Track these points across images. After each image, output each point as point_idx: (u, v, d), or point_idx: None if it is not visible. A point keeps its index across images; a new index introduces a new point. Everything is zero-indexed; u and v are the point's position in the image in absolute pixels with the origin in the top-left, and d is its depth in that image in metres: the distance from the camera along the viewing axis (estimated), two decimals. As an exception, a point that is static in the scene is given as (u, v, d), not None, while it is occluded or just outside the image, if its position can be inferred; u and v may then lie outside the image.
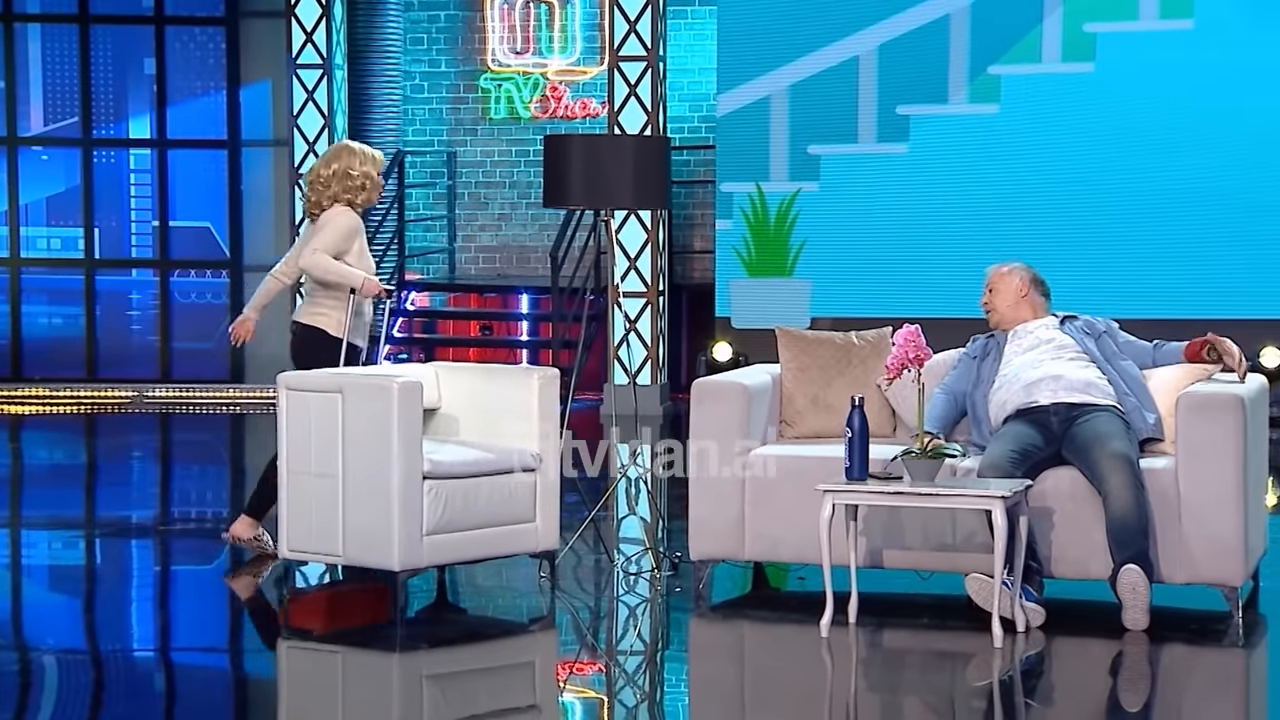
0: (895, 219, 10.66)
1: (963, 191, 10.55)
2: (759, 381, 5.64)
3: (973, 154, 10.51)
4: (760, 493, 5.42)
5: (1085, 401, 5.26)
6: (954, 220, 10.57)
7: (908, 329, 5.00)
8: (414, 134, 12.55)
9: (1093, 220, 10.29)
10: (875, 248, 10.70)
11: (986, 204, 10.44)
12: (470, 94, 12.47)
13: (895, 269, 10.65)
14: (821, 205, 10.81)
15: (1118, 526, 4.98)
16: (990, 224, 10.39)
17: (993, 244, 10.04)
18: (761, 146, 10.91)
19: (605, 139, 8.07)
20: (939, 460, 4.89)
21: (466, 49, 12.46)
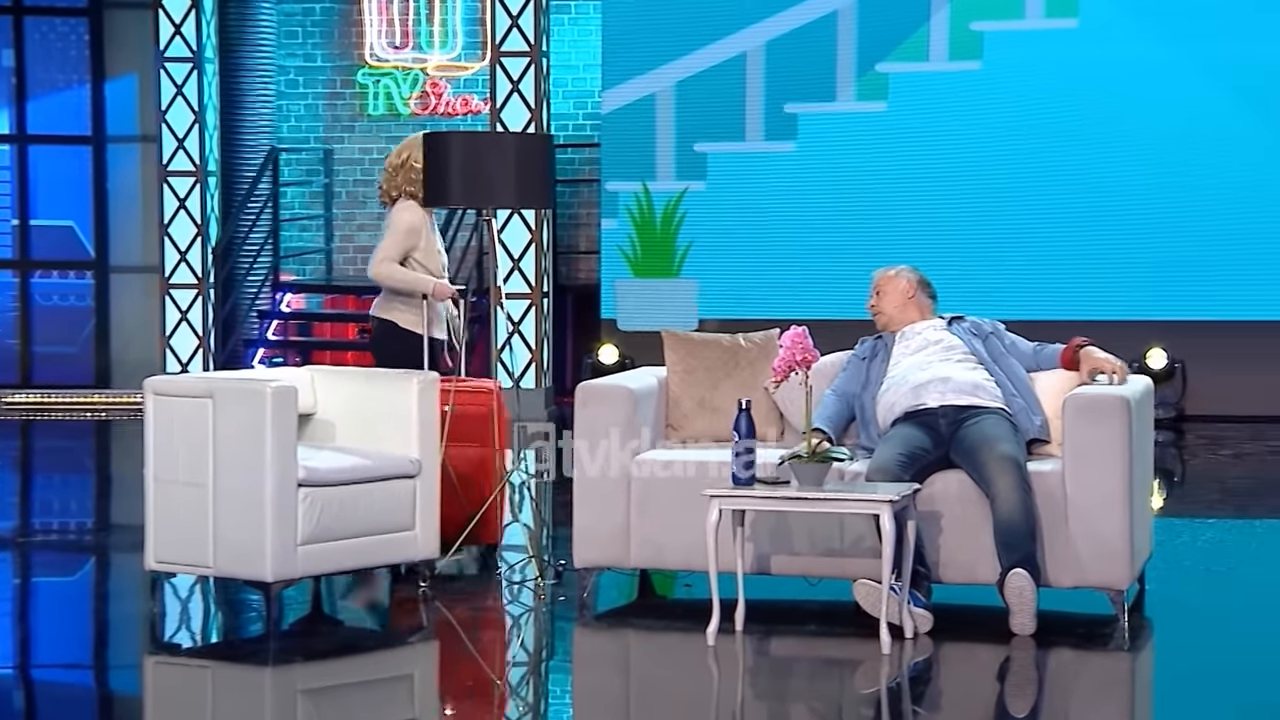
0: (783, 219, 10.74)
1: (851, 191, 10.66)
2: (645, 384, 5.65)
3: (861, 152, 10.62)
4: (646, 498, 5.43)
5: (973, 404, 5.33)
6: (842, 220, 10.67)
7: (795, 331, 5.04)
8: (289, 130, 12.41)
9: (980, 220, 10.44)
10: (763, 248, 10.78)
11: (875, 203, 10.55)
12: (347, 89, 12.36)
13: (783, 270, 10.73)
14: (708, 204, 10.86)
15: (1005, 529, 5.05)
16: (878, 224, 10.51)
17: (881, 244, 10.16)
18: (647, 144, 10.93)
19: (487, 136, 8.03)
20: (827, 464, 4.93)
21: (343, 43, 12.34)
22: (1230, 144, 10.19)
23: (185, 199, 11.59)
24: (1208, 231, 10.24)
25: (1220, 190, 10.22)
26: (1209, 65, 10.20)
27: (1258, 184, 10.18)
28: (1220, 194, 10.22)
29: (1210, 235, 10.24)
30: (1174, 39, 10.25)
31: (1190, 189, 10.27)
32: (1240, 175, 10.20)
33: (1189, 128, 10.23)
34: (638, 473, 5.45)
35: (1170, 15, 10.28)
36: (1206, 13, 10.23)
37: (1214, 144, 10.21)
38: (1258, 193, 10.18)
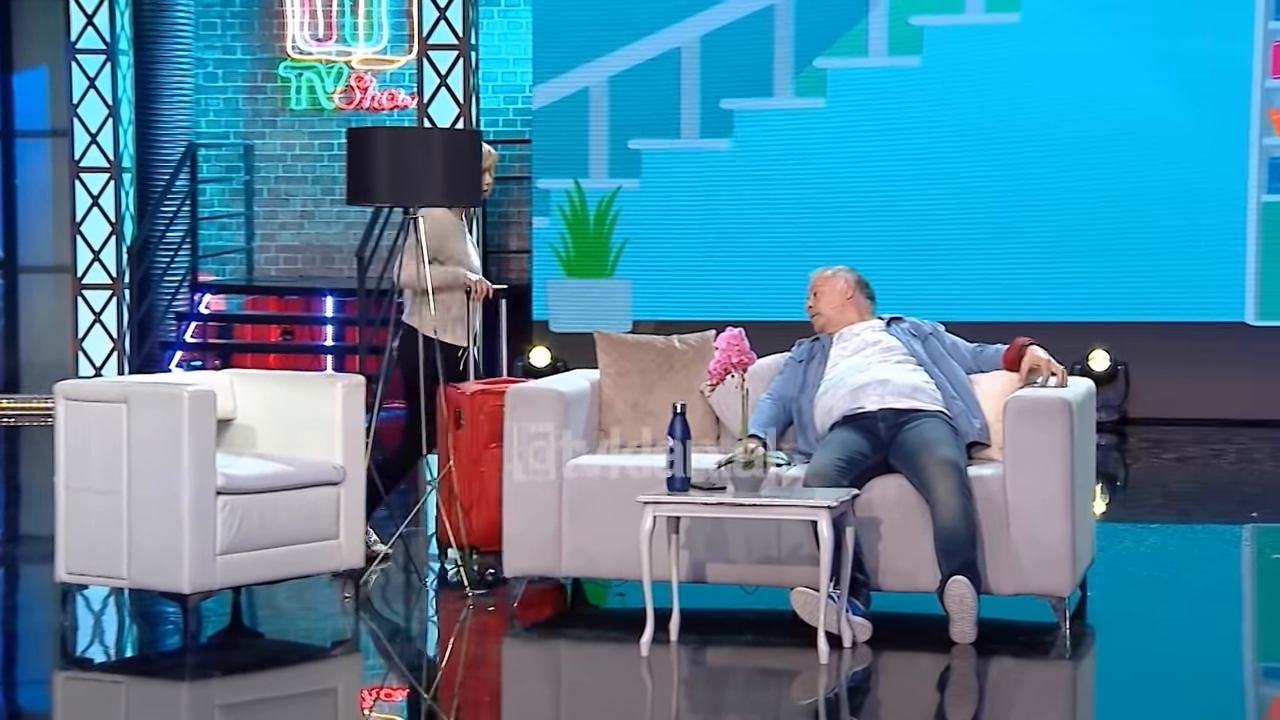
0: (719, 218, 10.78)
1: (789, 189, 10.71)
2: (577, 388, 5.65)
3: (799, 150, 10.67)
4: (577, 505, 5.43)
5: (912, 407, 5.37)
6: (780, 219, 10.72)
7: (731, 332, 5.06)
8: (208, 125, 12.33)
9: (920, 220, 10.52)
10: (699, 248, 10.81)
11: (813, 202, 10.61)
12: (268, 83, 12.29)
13: (719, 270, 10.76)
14: (643, 203, 10.88)
15: (945, 536, 5.09)
16: (817, 223, 10.56)
17: (819, 244, 10.22)
18: (580, 141, 10.94)
19: (413, 132, 8.01)
20: (763, 469, 4.95)
21: (264, 35, 12.27)
22: (1174, 142, 10.31)
23: (99, 196, 11.48)
24: (1152, 231, 10.36)
25: (1164, 189, 10.34)
26: (1152, 61, 10.33)
27: (1202, 183, 10.31)
28: (1164, 193, 10.34)
29: (1154, 235, 10.36)
30: (1116, 34, 10.37)
31: (1133, 187, 10.39)
32: (1185, 174, 10.32)
33: (1132, 125, 10.35)
34: (569, 478, 5.45)
35: (1112, 9, 10.40)
36: (1149, 7, 10.35)
37: (1158, 142, 10.33)
38: (1202, 191, 10.31)
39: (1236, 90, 10.25)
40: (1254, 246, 10.31)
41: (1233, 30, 10.22)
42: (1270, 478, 8.79)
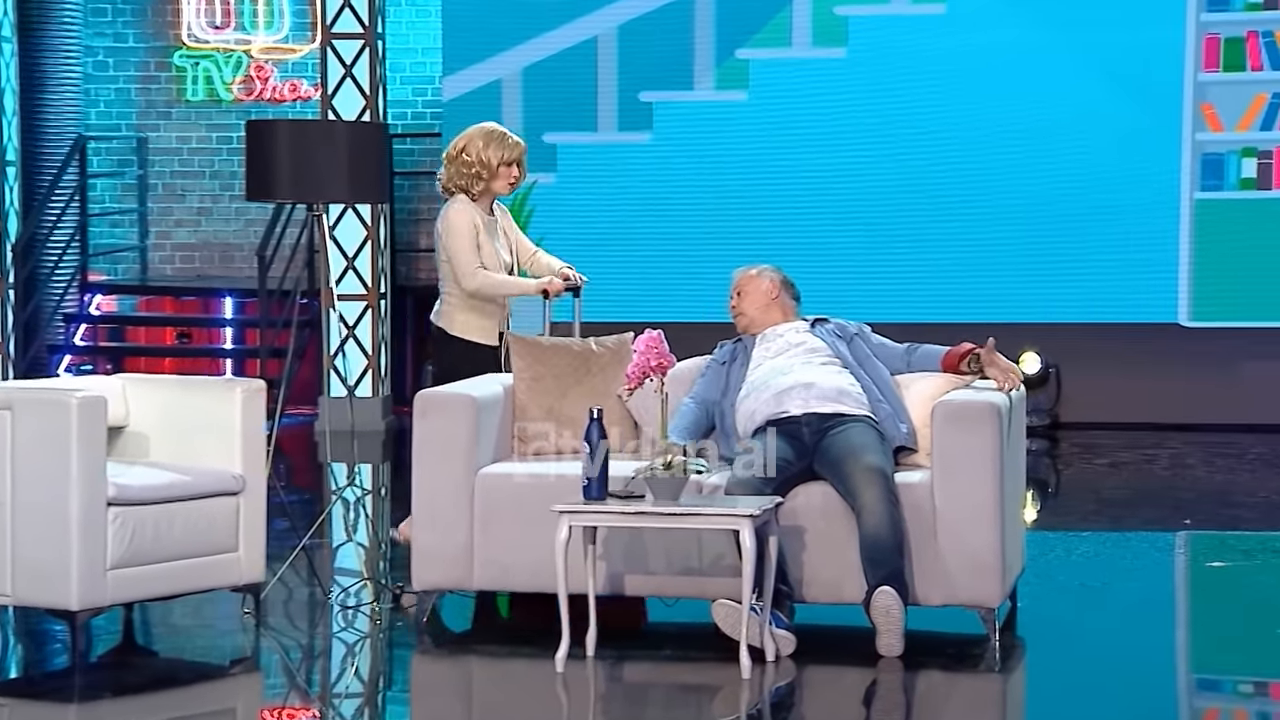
0: (638, 215, 10.79)
1: (710, 185, 10.74)
2: (489, 392, 5.64)
3: (721, 144, 10.71)
4: (490, 515, 5.42)
5: (838, 411, 5.40)
6: (701, 216, 10.75)
7: (650, 334, 5.07)
8: (98, 117, 12.19)
9: (846, 217, 10.57)
10: (616, 246, 10.81)
11: (735, 199, 10.64)
12: (163, 73, 12.17)
13: (638, 269, 10.77)
14: (558, 199, 10.87)
15: (871, 545, 5.12)
16: (739, 220, 10.60)
17: (742, 242, 10.25)
18: (493, 135, 10.90)
19: (317, 125, 7.97)
20: (683, 477, 4.96)
21: (158, 22, 12.15)
22: (1105, 137, 10.44)
23: (-18, 191, 11.33)
24: (1083, 229, 10.48)
25: (1095, 185, 10.46)
26: (1082, 53, 10.45)
27: (1134, 179, 10.44)
28: (1095, 189, 10.46)
29: (1085, 233, 10.48)
30: (1045, 25, 10.47)
31: (1063, 184, 10.50)
32: (1116, 170, 10.45)
33: (1061, 119, 10.46)
34: (481, 487, 5.43)
35: (1041, 0, 10.51)
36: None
37: (1088, 137, 10.45)
38: (1134, 188, 10.44)
39: (1168, 84, 10.40)
40: (1187, 245, 10.45)
41: (1164, 22, 10.36)
42: (1203, 483, 8.92)
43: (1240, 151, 10.44)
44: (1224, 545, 7.28)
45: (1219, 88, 10.42)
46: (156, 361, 11.70)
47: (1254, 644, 5.44)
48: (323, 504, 7.08)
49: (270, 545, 5.65)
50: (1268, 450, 9.84)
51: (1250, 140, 10.42)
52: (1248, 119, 10.42)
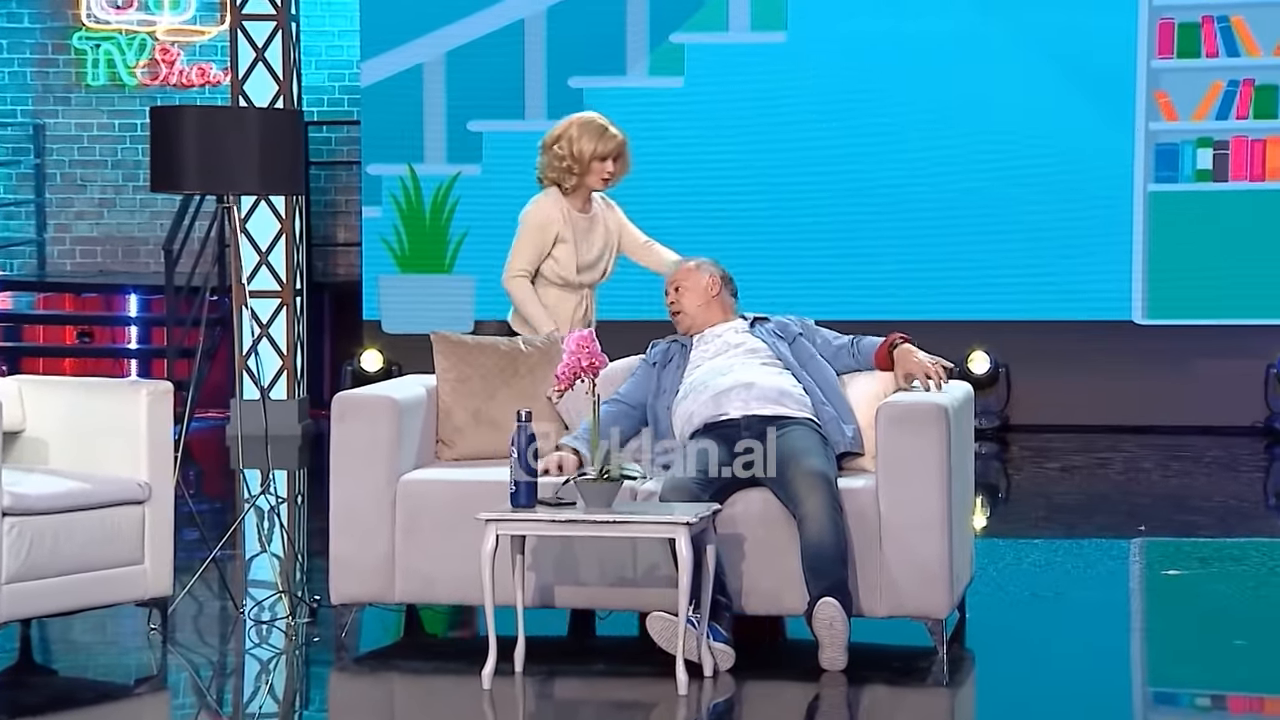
0: (569, 207, 10.78)
1: (643, 175, 10.64)
2: (412, 395, 5.62)
3: (655, 133, 10.70)
4: (413, 524, 5.40)
5: (779, 414, 5.42)
6: (635, 208, 10.67)
7: (580, 333, 5.07)
8: (-7, 102, 12.09)
9: (786, 209, 10.60)
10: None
11: (670, 189, 10.64)
12: (61, 55, 12.06)
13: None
14: (485, 190, 10.86)
15: (814, 554, 5.14)
16: (674, 214, 10.58)
17: (675, 237, 10.18)
18: (414, 122, 10.89)
19: (226, 112, 7.92)
20: (617, 483, 4.96)
21: (55, 2, 12.05)
22: (1055, 126, 10.51)
23: None
24: (1033, 223, 10.56)
25: (1046, 177, 10.54)
26: (1030, 39, 10.51)
27: (1086, 171, 10.52)
28: (1046, 181, 10.54)
29: (1036, 227, 10.56)
30: (992, 9, 10.53)
31: (1012, 175, 10.57)
32: (1067, 161, 10.53)
33: (1009, 108, 10.52)
34: (403, 494, 5.42)
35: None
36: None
37: (1037, 126, 10.52)
38: (1086, 180, 10.52)
39: (1120, 71, 10.49)
40: (1141, 240, 10.55)
41: (1116, 6, 10.45)
42: (1159, 488, 9.01)
43: (1195, 142, 10.54)
44: (1180, 553, 7.36)
45: (1173, 75, 10.52)
46: (56, 362, 11.61)
47: (1211, 656, 5.50)
48: (235, 513, 7.03)
49: (178, 557, 5.61)
50: (1224, 453, 9.95)
51: (1206, 130, 10.53)
52: (1203, 108, 10.53)
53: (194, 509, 6.14)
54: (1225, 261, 10.49)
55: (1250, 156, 10.49)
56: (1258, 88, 10.47)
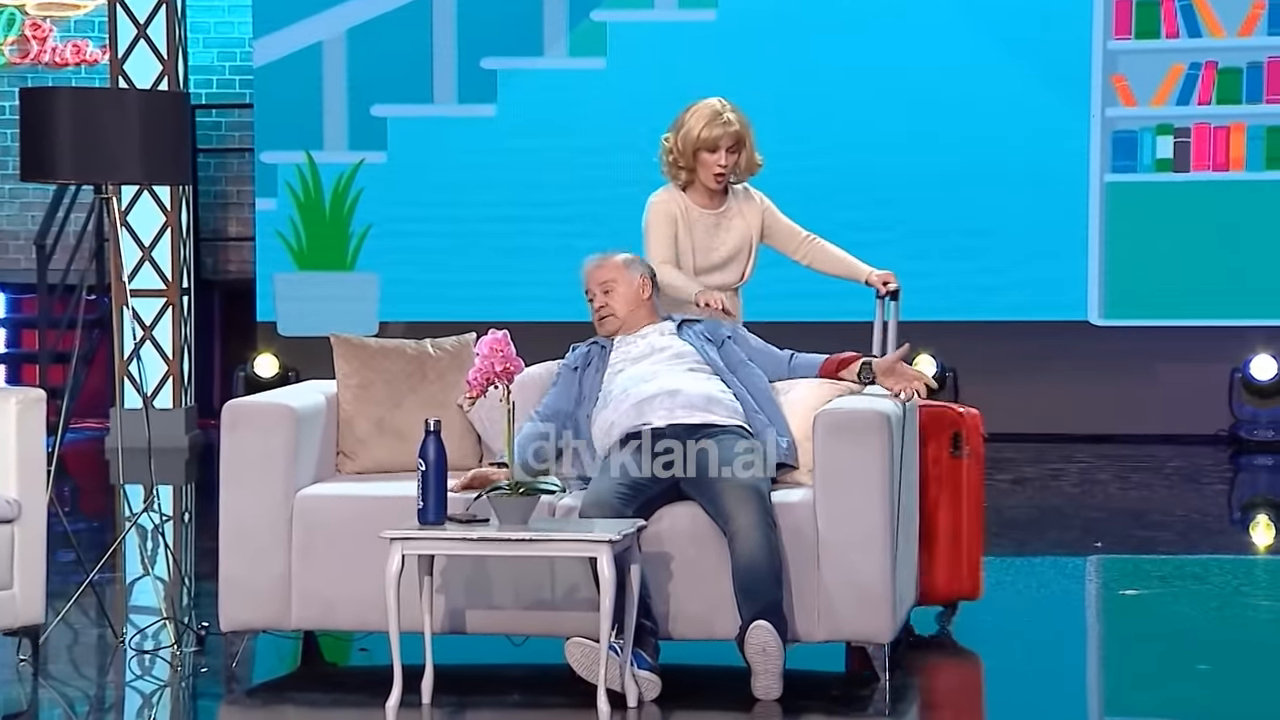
0: (482, 199, 10.78)
1: (563, 165, 10.76)
2: (310, 403, 5.61)
3: (575, 118, 10.74)
4: (311, 544, 5.38)
5: (707, 422, 5.43)
6: (555, 200, 10.77)
7: (494, 335, 5.07)
8: None
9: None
10: (457, 235, 10.80)
11: (593, 179, 10.66)
12: (-76, 30, 11.96)
13: (481, 262, 10.76)
14: (390, 180, 10.85)
15: (746, 574, 5.15)
16: (598, 205, 10.62)
17: (601, 230, 10.26)
18: (313, 106, 10.86)
19: (105, 93, 7.86)
20: (533, 498, 4.96)
21: (-82, -28, 11.95)
22: (1005, 113, 10.59)
23: None
24: (981, 217, 10.63)
25: (995, 167, 10.62)
26: (978, 18, 10.59)
27: (1038, 160, 10.60)
28: (995, 172, 10.62)
29: (984, 221, 10.64)
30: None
31: (958, 165, 10.64)
32: (1017, 150, 10.61)
33: (955, 93, 10.60)
34: (301, 511, 5.40)
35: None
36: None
37: (986, 113, 10.60)
38: (1038, 171, 10.61)
39: (1075, 53, 10.58)
40: (1097, 234, 10.65)
41: (1070, -17, 10.56)
42: (1116, 501, 9.10)
43: (1155, 129, 10.65)
44: (1139, 571, 7.42)
45: (1131, 57, 10.63)
46: (-82, 368, 11.50)
47: (1172, 681, 5.55)
48: (115, 533, 6.99)
49: (51, 581, 5.57)
50: (1186, 464, 10.06)
51: (1166, 116, 10.64)
52: (1163, 92, 10.64)
53: (69, 528, 6.09)
54: (1187, 258, 10.60)
55: (1213, 145, 10.61)
56: (1221, 71, 10.59)
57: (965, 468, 5.86)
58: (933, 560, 5.81)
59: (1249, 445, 10.57)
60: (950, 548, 5.84)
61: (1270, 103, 10.55)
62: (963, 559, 5.85)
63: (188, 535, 8.30)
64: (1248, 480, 10.11)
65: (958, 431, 5.85)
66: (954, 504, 5.84)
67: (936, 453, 5.82)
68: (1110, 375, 10.84)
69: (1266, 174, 10.57)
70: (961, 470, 5.87)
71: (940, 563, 5.82)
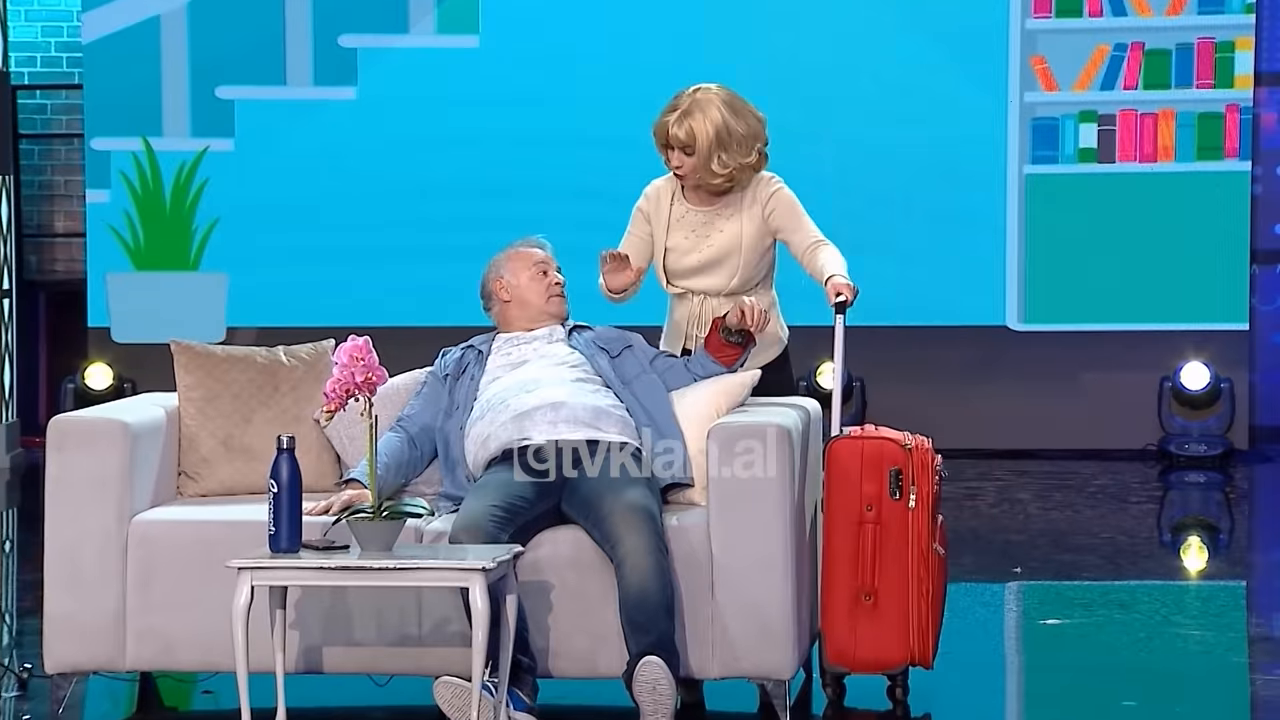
0: (341, 191, 10.74)
1: (432, 152, 10.73)
2: (148, 418, 5.57)
3: (447, 101, 10.71)
4: (148, 575, 5.34)
5: (593, 438, 5.43)
6: (422, 193, 10.74)
7: (354, 342, 5.04)
8: None
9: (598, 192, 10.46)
10: (313, 231, 10.75)
11: (468, 168, 10.65)
12: None
13: (339, 260, 10.72)
14: (239, 170, 10.78)
15: (634, 604, 5.16)
16: (470, 198, 10.61)
17: (475, 226, 10.26)
18: (150, 87, 10.78)
19: (-81, 71, 7.75)
20: (398, 522, 4.95)
21: None
22: (913, 99, 10.66)
23: None
24: (887, 212, 10.69)
25: (901, 158, 10.68)
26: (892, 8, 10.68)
27: (949, 150, 10.67)
28: (901, 162, 10.67)
29: (890, 217, 10.70)
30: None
31: (860, 156, 10.69)
32: (927, 139, 10.67)
33: (857, 74, 10.63)
34: (137, 539, 5.35)
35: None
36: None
37: (891, 98, 10.65)
38: (950, 162, 10.68)
39: (990, 33, 10.67)
40: (1016, 231, 10.74)
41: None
42: (1036, 522, 9.18)
43: (1078, 116, 10.76)
44: (1061, 598, 7.49)
45: (1051, 37, 10.74)
46: None
47: (1096, 718, 5.61)
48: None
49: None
50: (1112, 481, 10.17)
51: (1090, 102, 10.75)
52: (1086, 76, 10.75)
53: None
54: (1113, 257, 10.72)
55: (1140, 133, 10.73)
56: (1148, 53, 10.72)
57: (911, 515, 5.43)
58: (876, 623, 5.39)
59: (1180, 461, 10.67)
60: (895, 605, 5.40)
61: (1201, 88, 10.67)
62: (910, 623, 5.42)
63: (8, 566, 8.20)
64: (1178, 499, 10.23)
65: (897, 469, 5.43)
66: (898, 554, 5.41)
67: (874, 494, 5.41)
68: (1030, 385, 10.93)
69: (1198, 165, 10.68)
70: (905, 515, 5.43)
71: (884, 626, 5.39)
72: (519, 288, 5.76)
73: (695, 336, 5.94)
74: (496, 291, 5.78)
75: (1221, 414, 10.84)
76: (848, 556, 5.39)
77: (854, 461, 5.43)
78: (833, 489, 5.41)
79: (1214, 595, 7.71)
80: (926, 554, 5.47)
